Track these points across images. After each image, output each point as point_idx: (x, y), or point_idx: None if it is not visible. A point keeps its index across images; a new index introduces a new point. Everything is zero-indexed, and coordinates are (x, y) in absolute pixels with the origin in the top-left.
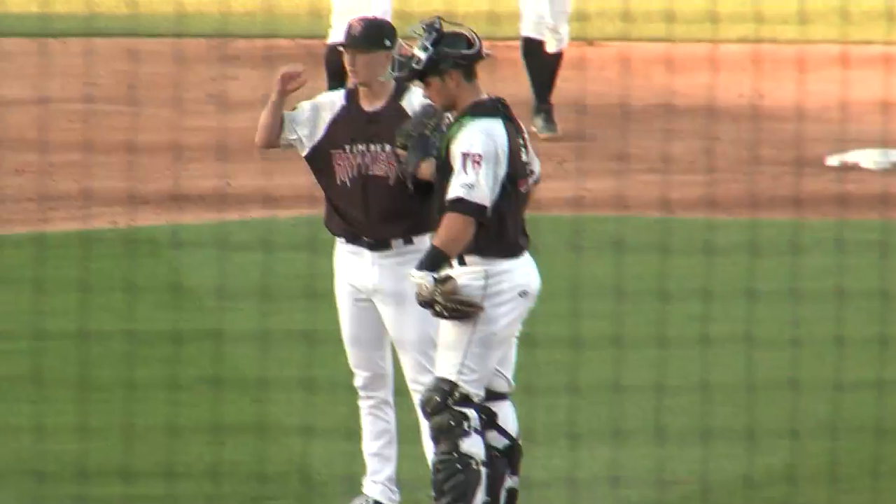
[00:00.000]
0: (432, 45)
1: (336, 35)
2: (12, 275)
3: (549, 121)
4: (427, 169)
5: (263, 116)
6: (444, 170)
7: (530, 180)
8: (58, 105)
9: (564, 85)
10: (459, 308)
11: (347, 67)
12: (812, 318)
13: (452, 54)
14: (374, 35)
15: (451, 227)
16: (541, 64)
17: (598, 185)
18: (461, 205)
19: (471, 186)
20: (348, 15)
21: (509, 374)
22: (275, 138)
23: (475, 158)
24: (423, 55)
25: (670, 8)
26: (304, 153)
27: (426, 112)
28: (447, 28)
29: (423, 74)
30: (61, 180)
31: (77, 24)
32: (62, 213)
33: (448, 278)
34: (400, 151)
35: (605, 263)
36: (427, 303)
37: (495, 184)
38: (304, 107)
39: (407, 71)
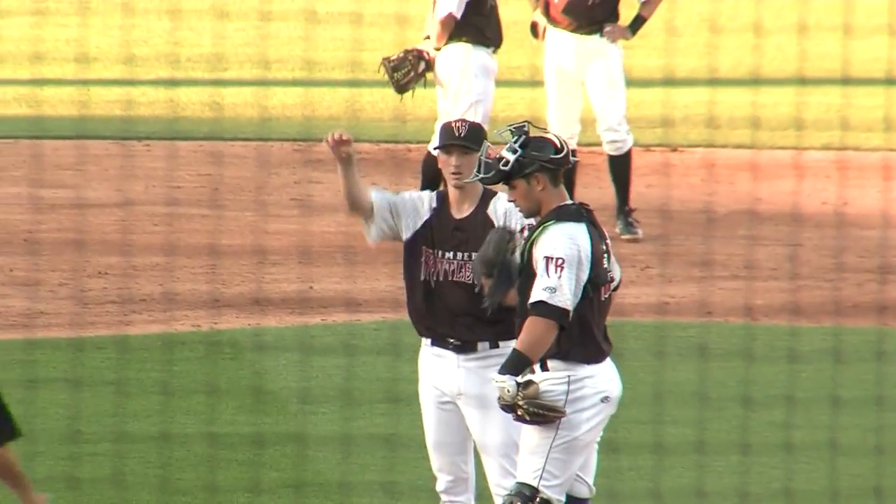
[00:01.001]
0: (521, 147)
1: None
2: (95, 377)
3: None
4: (513, 295)
5: (341, 186)
6: (527, 273)
7: (612, 286)
8: (141, 208)
9: (648, 191)
10: (541, 413)
11: (449, 169)
12: None
13: (540, 157)
14: (477, 136)
15: (533, 330)
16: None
17: (682, 291)
18: (544, 308)
19: (553, 290)
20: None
21: (590, 479)
22: (355, 201)
23: (558, 262)
24: (511, 157)
25: (755, 115)
26: (406, 236)
27: (503, 237)
28: (534, 133)
29: (510, 177)
30: (144, 283)
31: (161, 126)
32: (145, 315)
33: (530, 383)
34: (484, 280)
35: (688, 369)
36: (509, 407)
37: (577, 288)
38: (406, 196)
39: (494, 173)
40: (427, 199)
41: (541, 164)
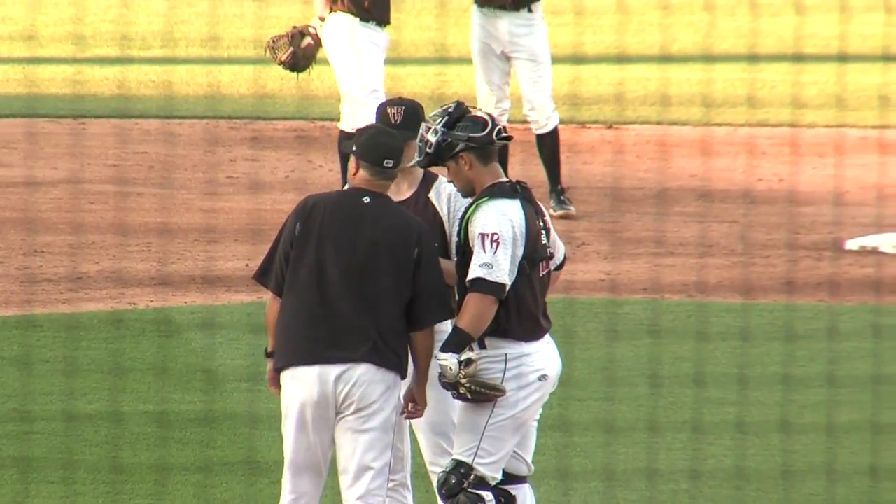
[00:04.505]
0: (444, 127)
1: (353, 121)
2: (43, 356)
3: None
4: (451, 274)
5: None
6: (464, 251)
7: (552, 264)
8: (83, 186)
9: (584, 167)
10: (482, 391)
11: None
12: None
13: (461, 137)
14: (414, 119)
15: (473, 307)
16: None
17: (620, 267)
18: (482, 284)
19: (490, 266)
20: (356, 99)
21: (529, 457)
22: None
23: (493, 238)
24: (433, 139)
25: (704, 92)
26: None
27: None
28: (471, 113)
29: (437, 158)
30: (89, 262)
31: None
32: (90, 294)
33: (471, 361)
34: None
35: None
36: (451, 385)
37: (513, 264)
38: None
39: (424, 156)
40: None
41: (465, 144)
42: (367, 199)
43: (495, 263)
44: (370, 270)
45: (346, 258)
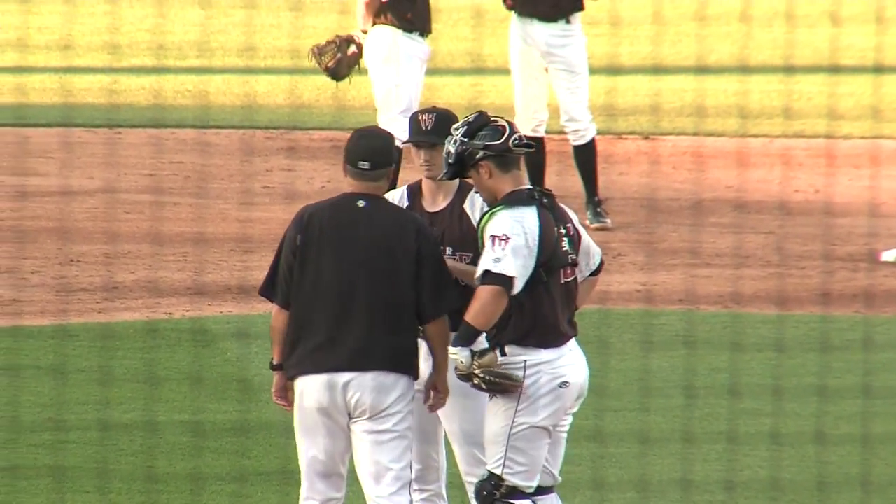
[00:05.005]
0: (464, 137)
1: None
2: (78, 365)
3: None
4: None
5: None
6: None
7: (586, 269)
8: (119, 195)
9: (620, 178)
10: (497, 381)
11: (420, 163)
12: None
13: (478, 146)
14: (444, 127)
15: (480, 299)
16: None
17: (657, 279)
18: (489, 277)
19: (497, 260)
20: (389, 113)
21: (557, 468)
22: None
23: (502, 237)
24: (454, 149)
25: (740, 103)
26: None
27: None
28: (492, 122)
29: (460, 168)
30: (124, 271)
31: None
32: (126, 303)
33: (486, 352)
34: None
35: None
36: (465, 377)
37: (525, 268)
38: None
39: (446, 167)
40: (398, 196)
41: (483, 153)
42: (361, 203)
43: (503, 257)
44: (372, 273)
45: (347, 263)
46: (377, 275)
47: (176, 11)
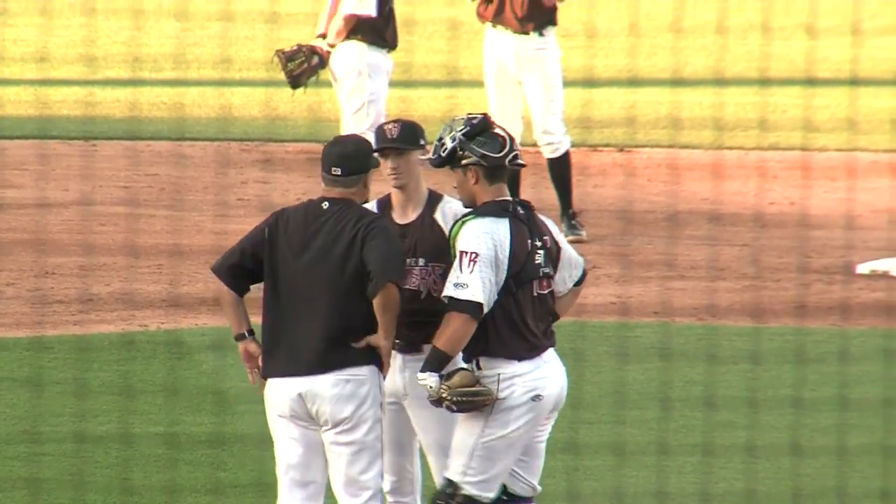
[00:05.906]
0: (463, 136)
1: None
2: (54, 377)
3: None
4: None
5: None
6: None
7: (562, 282)
8: (92, 208)
9: (595, 191)
10: (467, 400)
11: (388, 172)
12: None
13: (476, 152)
14: (410, 134)
15: (448, 325)
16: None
17: (632, 291)
18: (454, 303)
19: (462, 285)
20: (356, 128)
21: (536, 479)
22: None
23: (472, 257)
24: (449, 143)
25: (716, 115)
26: None
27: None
28: (494, 130)
29: (448, 162)
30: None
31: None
32: (100, 315)
33: (453, 373)
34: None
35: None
36: (437, 401)
37: (494, 283)
38: None
39: (435, 155)
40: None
41: (478, 160)
42: (325, 205)
43: (471, 283)
44: (325, 273)
45: (303, 264)
46: (329, 275)
47: (152, 24)
